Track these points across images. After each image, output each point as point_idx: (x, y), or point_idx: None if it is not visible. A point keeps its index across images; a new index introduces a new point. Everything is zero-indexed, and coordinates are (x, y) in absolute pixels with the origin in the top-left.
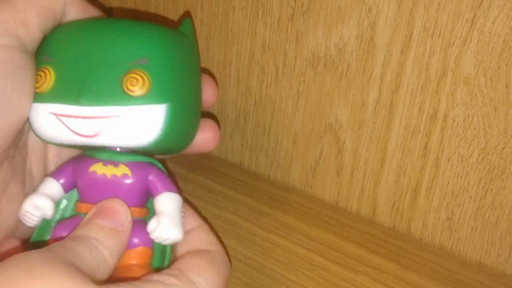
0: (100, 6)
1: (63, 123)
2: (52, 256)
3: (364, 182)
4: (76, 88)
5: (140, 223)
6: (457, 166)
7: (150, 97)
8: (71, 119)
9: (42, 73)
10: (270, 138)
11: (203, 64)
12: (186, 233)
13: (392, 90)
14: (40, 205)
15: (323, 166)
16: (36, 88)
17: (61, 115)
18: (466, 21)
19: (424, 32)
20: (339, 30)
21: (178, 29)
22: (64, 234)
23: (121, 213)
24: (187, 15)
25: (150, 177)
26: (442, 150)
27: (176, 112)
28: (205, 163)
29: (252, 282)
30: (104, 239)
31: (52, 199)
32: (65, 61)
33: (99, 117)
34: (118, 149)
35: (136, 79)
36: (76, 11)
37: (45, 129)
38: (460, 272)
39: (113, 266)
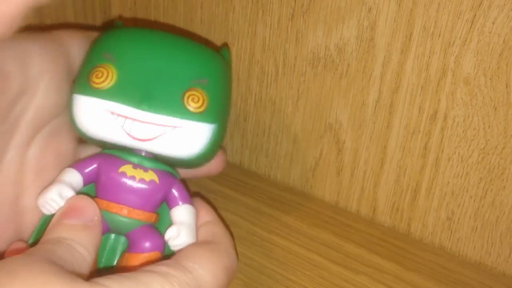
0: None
1: (118, 122)
2: (34, 258)
3: (364, 182)
4: (138, 92)
5: (152, 228)
6: (457, 166)
7: (205, 116)
8: (128, 120)
9: (104, 70)
10: (270, 138)
11: None
12: (199, 227)
13: (392, 90)
14: (65, 195)
15: (323, 166)
16: (95, 83)
17: (120, 115)
18: (466, 21)
19: (424, 32)
20: (339, 30)
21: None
22: None
23: (89, 208)
24: (225, 45)
25: (173, 189)
26: (442, 150)
27: (219, 132)
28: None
29: (252, 282)
30: (78, 238)
31: (75, 190)
32: (129, 64)
33: (157, 124)
34: (144, 154)
35: (198, 97)
36: (77, 46)
37: (95, 124)
38: (460, 272)
39: (92, 261)
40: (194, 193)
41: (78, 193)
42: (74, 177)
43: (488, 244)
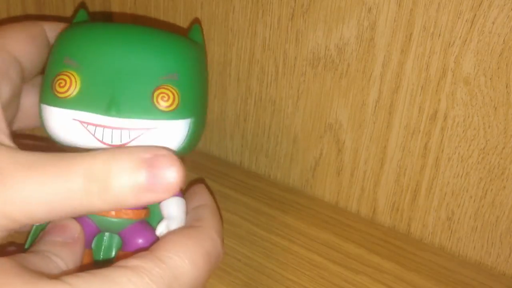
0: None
1: (88, 131)
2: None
3: (364, 182)
4: (105, 97)
5: (143, 224)
6: (457, 166)
7: (178, 113)
8: (98, 128)
9: (66, 78)
10: (270, 138)
11: None
12: (190, 210)
13: (392, 90)
14: None
15: (323, 166)
16: (59, 92)
17: (88, 123)
18: (466, 21)
19: (424, 32)
20: (339, 30)
21: (188, 35)
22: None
23: (70, 227)
24: (196, 21)
25: None
26: (442, 150)
27: (197, 124)
28: (205, 163)
29: (252, 282)
30: (56, 251)
31: None
32: (92, 68)
33: (130, 129)
34: None
35: (168, 95)
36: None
37: (66, 134)
38: (460, 272)
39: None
40: (198, 179)
41: None
42: None
43: (488, 244)
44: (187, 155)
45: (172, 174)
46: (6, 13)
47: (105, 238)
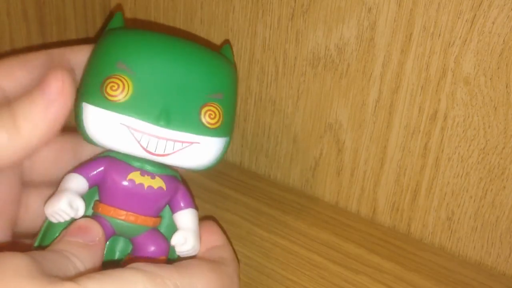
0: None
1: (135, 137)
2: (12, 258)
3: (364, 182)
4: (156, 107)
5: (156, 232)
6: (457, 166)
7: (220, 131)
8: (145, 135)
9: (119, 81)
10: (270, 138)
11: None
12: (208, 249)
13: (392, 90)
14: (76, 206)
15: (323, 166)
16: (110, 95)
17: (136, 130)
18: (466, 21)
19: (424, 32)
20: (339, 30)
21: (220, 52)
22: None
23: (92, 230)
24: (226, 42)
25: (178, 194)
26: (442, 150)
27: (229, 142)
28: None
29: (252, 282)
30: (76, 252)
31: (82, 197)
32: (145, 76)
33: (175, 141)
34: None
35: (214, 113)
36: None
37: (110, 136)
38: (460, 272)
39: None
40: (207, 217)
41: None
42: (80, 183)
43: (488, 244)
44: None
45: (58, 80)
46: (6, 13)
47: (120, 241)
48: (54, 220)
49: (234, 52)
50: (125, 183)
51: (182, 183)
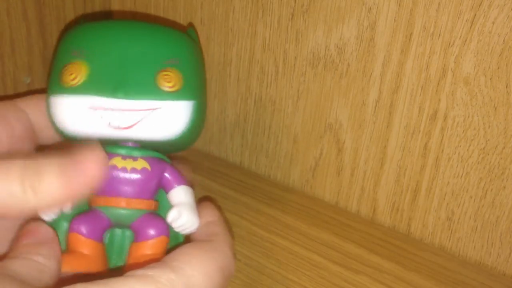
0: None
1: (98, 115)
2: None
3: (364, 182)
4: (112, 82)
5: (153, 215)
6: (457, 166)
7: (181, 94)
8: (107, 111)
9: (74, 67)
10: (270, 138)
11: None
12: (201, 226)
13: (392, 90)
14: None
15: (323, 166)
16: (67, 81)
17: (97, 108)
18: (466, 21)
19: (424, 32)
20: (339, 30)
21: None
22: (83, 229)
23: (41, 230)
24: (190, 25)
25: (166, 173)
26: (442, 150)
27: (199, 109)
28: (205, 163)
29: (252, 282)
30: (34, 250)
31: None
32: (98, 56)
33: (136, 110)
34: (130, 144)
35: (171, 76)
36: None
37: (75, 121)
38: (460, 272)
39: (55, 269)
40: (204, 197)
41: None
42: None
43: (488, 244)
44: (185, 149)
45: (95, 160)
46: (6, 13)
47: (117, 235)
48: (47, 218)
49: (234, 52)
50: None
51: (170, 164)
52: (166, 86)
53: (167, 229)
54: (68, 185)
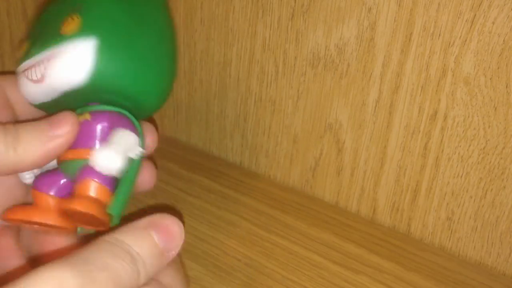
0: None
1: (25, 77)
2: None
3: (364, 182)
4: (30, 46)
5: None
6: (457, 166)
7: (79, 34)
8: (28, 70)
9: (24, 45)
10: (270, 138)
11: (203, 64)
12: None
13: (392, 90)
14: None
15: (323, 166)
16: (20, 55)
17: (25, 70)
18: (466, 21)
19: (424, 32)
20: (339, 30)
21: None
22: (45, 189)
23: (176, 238)
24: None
25: (108, 121)
26: (442, 150)
27: (111, 47)
28: (205, 163)
29: (252, 282)
30: (147, 259)
31: None
32: (33, 30)
33: (42, 61)
34: (91, 104)
35: (68, 20)
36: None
37: (24, 91)
38: (460, 272)
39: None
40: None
41: None
42: None
43: (488, 244)
44: (153, 109)
45: (71, 117)
46: (6, 13)
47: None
48: (25, 181)
49: (234, 52)
50: None
51: (121, 114)
52: (64, 30)
53: (111, 182)
54: (44, 144)
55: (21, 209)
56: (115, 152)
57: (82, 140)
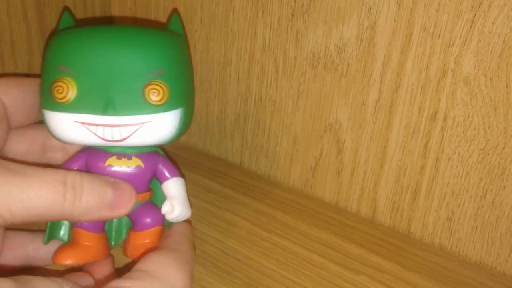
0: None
1: (90, 131)
2: None
3: (364, 182)
4: (101, 99)
5: (149, 205)
6: (457, 166)
7: (169, 105)
8: (99, 127)
9: (63, 84)
10: (270, 138)
11: (203, 64)
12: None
13: (392, 90)
14: None
15: (323, 166)
16: (58, 98)
17: (89, 124)
18: (466, 21)
19: (424, 32)
20: (339, 30)
21: (168, 27)
22: (85, 224)
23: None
24: (174, 11)
25: (159, 166)
26: (442, 150)
27: (187, 111)
28: (205, 163)
29: (252, 282)
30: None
31: None
32: (85, 73)
33: (127, 125)
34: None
35: (158, 90)
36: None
37: (70, 134)
38: (460, 272)
39: None
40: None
41: None
42: None
43: (488, 244)
44: (176, 141)
45: (131, 198)
46: (6, 13)
47: (114, 220)
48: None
49: (234, 52)
50: (104, 168)
51: (163, 157)
52: (154, 100)
53: (162, 219)
54: (100, 211)
55: (80, 252)
56: (188, 206)
57: (135, 185)
